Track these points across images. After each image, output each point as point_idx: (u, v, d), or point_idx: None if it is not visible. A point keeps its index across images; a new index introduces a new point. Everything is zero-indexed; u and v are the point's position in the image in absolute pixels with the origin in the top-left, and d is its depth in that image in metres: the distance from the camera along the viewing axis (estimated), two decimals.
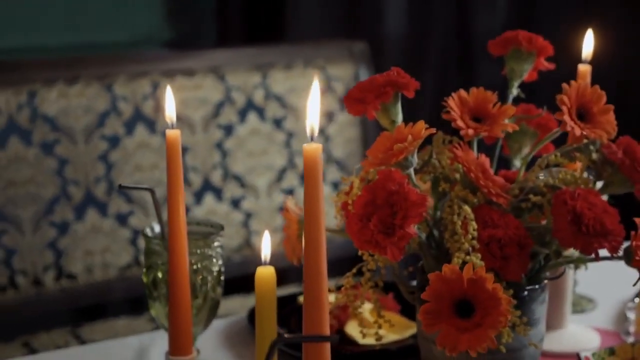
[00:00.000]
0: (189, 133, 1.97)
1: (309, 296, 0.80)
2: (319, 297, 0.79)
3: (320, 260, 0.79)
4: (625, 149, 1.03)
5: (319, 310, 0.79)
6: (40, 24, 2.32)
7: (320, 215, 0.78)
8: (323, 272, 0.79)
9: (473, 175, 0.98)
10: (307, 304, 0.80)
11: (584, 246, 0.95)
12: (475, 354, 0.86)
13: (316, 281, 0.79)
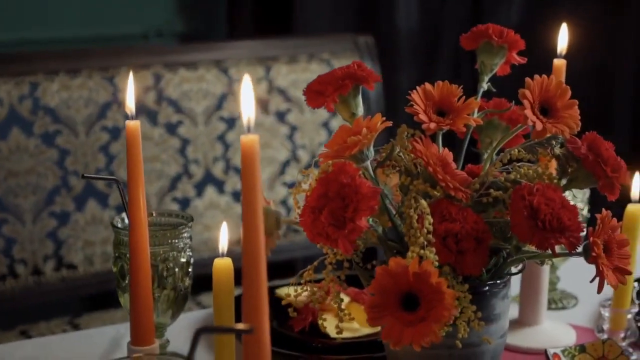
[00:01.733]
0: (191, 125, 1.99)
1: (248, 288, 0.80)
2: (257, 288, 0.79)
3: (258, 253, 0.79)
4: (590, 144, 1.02)
5: (257, 302, 0.79)
6: (52, 18, 2.35)
7: (258, 205, 0.79)
8: (261, 263, 0.79)
9: (431, 169, 0.98)
10: (246, 295, 0.80)
11: (541, 241, 0.94)
12: (418, 348, 0.86)
13: (254, 272, 0.79)
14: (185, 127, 1.98)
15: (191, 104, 1.99)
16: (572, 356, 1.15)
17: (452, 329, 0.95)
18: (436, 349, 1.01)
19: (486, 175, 1.02)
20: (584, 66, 2.67)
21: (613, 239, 0.98)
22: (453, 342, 0.96)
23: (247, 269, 0.80)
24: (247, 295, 0.80)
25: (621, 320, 1.19)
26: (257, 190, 0.79)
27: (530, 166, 1.03)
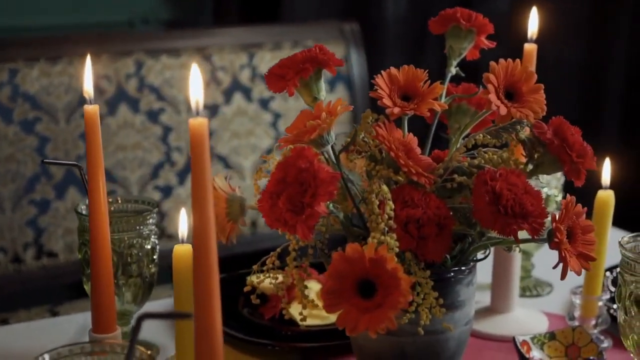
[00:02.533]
0: (173, 113, 1.98)
1: (198, 273, 0.79)
2: (208, 273, 0.78)
3: (208, 237, 0.78)
4: (556, 129, 1.00)
5: (207, 287, 0.78)
6: (39, 5, 2.34)
7: (208, 190, 0.78)
8: (211, 247, 0.78)
9: (393, 154, 0.97)
10: (197, 280, 0.79)
11: (502, 227, 0.93)
12: (374, 334, 0.85)
13: (204, 256, 0.78)
14: (167, 115, 1.97)
15: (173, 91, 1.98)
16: (542, 343, 1.14)
17: (414, 315, 0.95)
18: (399, 336, 1.00)
19: (450, 161, 1.00)
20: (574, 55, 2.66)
21: (577, 224, 0.97)
22: (416, 329, 0.95)
23: (198, 254, 0.79)
24: (197, 280, 0.79)
25: (592, 307, 1.18)
26: (206, 174, 0.78)
27: (495, 151, 1.02)
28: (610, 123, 2.75)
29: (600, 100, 2.74)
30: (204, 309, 0.79)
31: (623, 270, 0.99)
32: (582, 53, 2.68)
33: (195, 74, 0.76)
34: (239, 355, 1.18)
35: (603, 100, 2.74)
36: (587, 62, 2.69)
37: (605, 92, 2.73)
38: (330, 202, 0.97)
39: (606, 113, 2.75)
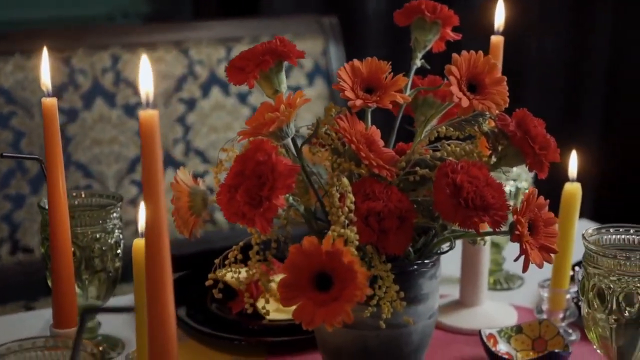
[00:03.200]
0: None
1: (150, 267, 0.78)
2: (160, 266, 0.78)
3: (159, 230, 0.77)
4: (519, 121, 1.00)
5: (159, 281, 0.78)
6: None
7: (159, 182, 0.77)
8: (163, 240, 0.77)
9: (354, 147, 0.96)
10: (148, 274, 0.78)
11: (463, 220, 0.93)
12: (331, 328, 0.84)
13: (156, 250, 0.77)
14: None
15: None
16: (509, 337, 1.14)
17: (376, 309, 0.94)
18: (362, 330, 0.99)
19: (412, 153, 1.00)
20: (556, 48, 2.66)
21: (539, 217, 0.96)
22: (378, 323, 0.94)
23: (150, 246, 0.78)
24: (149, 273, 0.79)
25: (560, 300, 1.18)
26: (157, 167, 0.77)
27: (459, 144, 1.01)
28: (592, 115, 2.75)
29: (581, 93, 2.74)
30: (156, 301, 0.78)
31: (586, 263, 0.99)
32: (564, 46, 2.67)
33: (144, 66, 0.75)
34: (207, 350, 1.17)
35: (584, 93, 2.74)
36: (570, 54, 2.69)
37: (587, 85, 2.73)
38: (290, 195, 0.97)
39: (588, 105, 2.75)
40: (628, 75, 2.76)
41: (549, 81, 2.70)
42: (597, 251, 0.97)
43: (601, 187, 2.74)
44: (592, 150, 2.80)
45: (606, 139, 2.78)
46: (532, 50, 2.63)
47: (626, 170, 2.78)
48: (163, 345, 0.78)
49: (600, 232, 1.02)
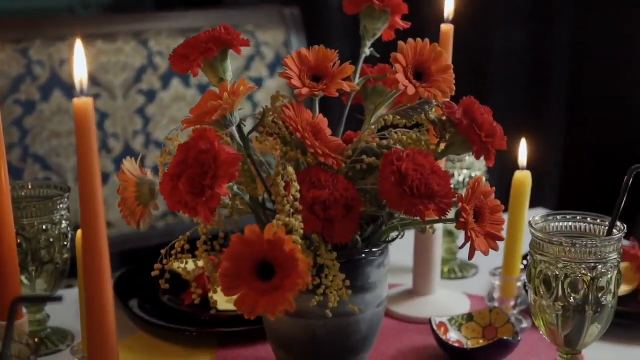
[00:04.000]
0: (109, 99, 1.95)
1: (87, 258, 0.77)
2: (97, 256, 0.77)
3: (96, 218, 0.76)
4: (466, 109, 1.00)
5: (96, 271, 0.77)
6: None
7: (94, 171, 0.76)
8: (100, 229, 0.77)
9: (300, 136, 0.95)
10: (86, 264, 0.78)
11: (409, 208, 0.92)
12: (273, 317, 0.84)
13: (93, 239, 0.77)
14: (103, 101, 1.94)
15: (109, 77, 1.95)
16: (460, 325, 1.14)
17: (323, 298, 0.94)
18: (310, 319, 0.99)
19: (359, 142, 0.99)
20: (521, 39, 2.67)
21: (485, 205, 0.96)
22: (326, 312, 0.94)
23: (86, 237, 0.78)
24: (86, 264, 0.78)
25: (511, 288, 1.18)
26: (92, 154, 0.76)
27: (406, 132, 1.01)
28: (557, 105, 2.76)
29: (546, 84, 2.76)
30: (94, 292, 0.77)
31: (533, 251, 0.99)
32: (528, 37, 2.68)
33: (78, 52, 0.74)
34: (158, 342, 1.16)
35: (549, 84, 2.76)
36: (534, 45, 2.69)
37: (551, 76, 2.74)
38: (235, 184, 0.96)
39: (552, 96, 2.76)
40: (591, 66, 2.77)
41: (513, 72, 2.71)
42: (543, 238, 0.98)
43: (565, 177, 2.76)
44: (557, 141, 2.82)
45: (570, 130, 2.79)
46: (496, 42, 2.64)
47: (590, 160, 2.80)
48: (101, 336, 0.78)
49: (548, 219, 1.02)
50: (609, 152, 2.76)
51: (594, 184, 2.63)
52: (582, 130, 2.82)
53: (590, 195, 2.63)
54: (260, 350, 1.13)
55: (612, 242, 0.96)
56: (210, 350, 1.13)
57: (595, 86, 2.79)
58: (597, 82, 2.78)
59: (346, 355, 1.02)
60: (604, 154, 2.77)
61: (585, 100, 2.81)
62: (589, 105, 2.82)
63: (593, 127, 2.81)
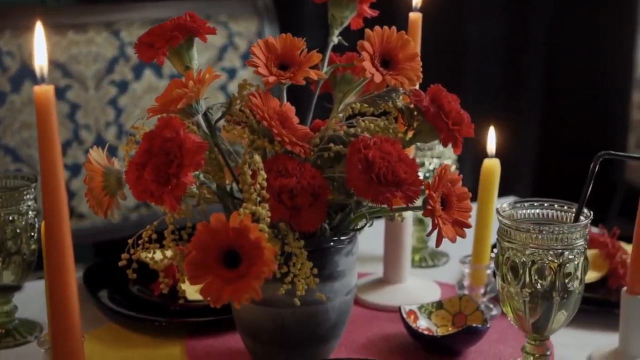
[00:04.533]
0: (80, 90, 1.94)
1: (50, 246, 0.77)
2: (60, 245, 0.76)
3: (58, 206, 0.76)
4: (433, 97, 1.00)
5: (62, 260, 0.76)
6: None
7: (56, 160, 0.75)
8: (63, 218, 0.76)
9: (267, 124, 0.95)
10: (49, 253, 0.77)
11: (376, 195, 0.92)
12: (238, 305, 0.84)
13: (56, 228, 0.76)
14: (75, 92, 1.93)
15: (80, 68, 1.94)
16: (429, 312, 1.14)
17: (291, 287, 0.94)
18: (279, 308, 0.99)
19: (326, 130, 0.99)
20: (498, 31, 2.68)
21: (452, 192, 0.97)
22: (294, 300, 0.94)
23: (49, 227, 0.77)
24: (49, 254, 0.77)
25: (481, 275, 1.19)
26: (54, 142, 0.76)
27: (373, 120, 1.01)
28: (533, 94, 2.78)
29: (521, 73, 2.77)
30: (58, 282, 0.77)
31: (501, 238, 0.99)
32: (504, 26, 2.69)
33: (39, 38, 0.73)
34: (128, 333, 1.15)
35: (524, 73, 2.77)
36: (509, 35, 2.70)
37: (526, 65, 2.75)
38: (201, 172, 0.96)
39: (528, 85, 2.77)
40: (566, 56, 2.79)
41: (488, 62, 2.71)
42: (510, 225, 0.98)
43: (540, 165, 2.77)
44: (532, 130, 2.83)
45: (545, 119, 2.81)
46: (472, 32, 2.65)
47: (564, 149, 2.81)
48: (65, 327, 0.77)
49: (515, 206, 1.02)
50: (583, 140, 2.77)
51: (568, 172, 2.65)
52: (557, 119, 2.83)
53: (565, 183, 2.65)
54: (229, 339, 1.13)
55: (579, 228, 0.97)
56: (179, 341, 1.13)
57: (570, 76, 2.81)
58: (572, 73, 2.79)
59: (315, 343, 1.02)
60: (578, 142, 2.79)
61: (560, 90, 2.83)
62: (564, 95, 2.83)
63: (568, 116, 2.83)
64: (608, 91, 2.81)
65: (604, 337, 1.12)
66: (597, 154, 0.98)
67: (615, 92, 2.82)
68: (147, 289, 1.24)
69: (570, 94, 2.82)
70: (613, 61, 2.79)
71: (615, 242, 1.27)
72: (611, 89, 2.81)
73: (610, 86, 2.81)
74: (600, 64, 2.79)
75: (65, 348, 0.77)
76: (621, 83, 2.84)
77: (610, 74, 2.81)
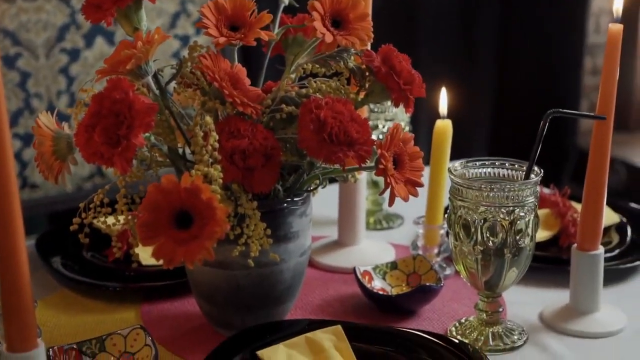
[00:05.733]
0: (31, 58, 1.91)
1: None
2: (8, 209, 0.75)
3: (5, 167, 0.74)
4: (384, 57, 1.00)
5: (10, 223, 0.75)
6: None
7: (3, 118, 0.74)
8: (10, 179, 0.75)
9: (218, 85, 0.95)
10: None
11: (328, 155, 0.92)
12: (191, 265, 0.83)
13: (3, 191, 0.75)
14: (25, 60, 1.90)
15: (30, 36, 1.90)
16: (384, 273, 1.15)
17: (245, 248, 0.94)
18: (233, 270, 0.99)
19: (278, 91, 0.99)
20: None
21: (404, 151, 0.97)
22: (248, 262, 0.94)
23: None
24: None
25: (434, 236, 1.20)
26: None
27: (325, 81, 1.01)
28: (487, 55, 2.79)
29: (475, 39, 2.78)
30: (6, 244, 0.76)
31: (453, 197, 1.00)
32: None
33: None
34: (82, 299, 1.15)
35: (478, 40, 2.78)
36: None
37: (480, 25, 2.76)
38: (152, 134, 0.95)
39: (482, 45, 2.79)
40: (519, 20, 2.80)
41: (441, 24, 2.72)
42: (462, 184, 0.99)
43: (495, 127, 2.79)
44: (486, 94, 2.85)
45: (498, 84, 2.82)
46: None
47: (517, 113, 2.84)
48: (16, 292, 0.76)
49: (467, 166, 1.03)
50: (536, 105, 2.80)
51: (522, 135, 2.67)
52: (510, 84, 2.85)
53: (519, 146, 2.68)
54: (185, 303, 1.12)
55: (529, 185, 0.98)
56: (134, 305, 1.12)
57: (523, 41, 2.82)
58: (524, 38, 2.81)
59: (270, 304, 1.02)
60: (531, 107, 2.81)
61: (513, 54, 2.85)
62: (517, 60, 2.85)
63: (521, 81, 2.85)
64: (560, 57, 2.84)
65: (556, 293, 1.14)
66: (547, 112, 0.99)
67: (567, 58, 2.85)
68: (101, 256, 1.23)
69: (523, 58, 2.84)
70: (565, 27, 2.81)
71: (566, 202, 1.28)
72: (563, 55, 2.84)
73: (562, 52, 2.84)
74: (553, 29, 2.81)
75: (17, 314, 0.76)
76: (573, 50, 2.87)
77: (562, 40, 2.83)
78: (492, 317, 1.03)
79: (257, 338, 0.97)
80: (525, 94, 2.84)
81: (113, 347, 0.96)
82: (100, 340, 0.96)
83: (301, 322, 1.01)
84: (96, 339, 0.96)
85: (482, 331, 1.03)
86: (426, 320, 1.08)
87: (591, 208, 1.04)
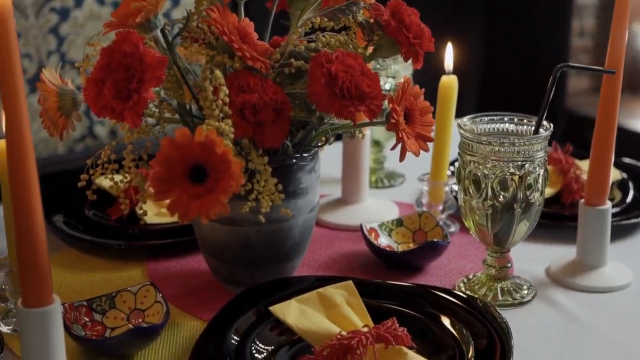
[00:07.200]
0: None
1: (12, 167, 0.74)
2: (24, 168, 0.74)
3: (20, 125, 0.73)
4: (393, 10, 0.99)
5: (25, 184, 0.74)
6: None
7: (17, 75, 0.73)
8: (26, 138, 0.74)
9: (227, 39, 0.93)
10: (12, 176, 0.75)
11: (339, 110, 0.91)
12: (206, 220, 0.82)
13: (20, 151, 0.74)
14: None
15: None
16: (390, 230, 1.15)
17: (255, 204, 0.93)
18: (243, 226, 0.98)
19: (286, 45, 0.98)
20: None
21: (415, 106, 0.96)
22: (258, 218, 0.93)
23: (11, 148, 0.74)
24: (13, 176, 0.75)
25: (439, 192, 1.19)
26: (13, 55, 0.73)
27: (333, 35, 1.00)
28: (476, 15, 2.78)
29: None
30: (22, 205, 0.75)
31: (462, 151, 1.00)
32: None
33: None
34: (86, 257, 1.14)
35: None
36: None
37: None
38: (162, 89, 0.94)
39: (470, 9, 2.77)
40: None
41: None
42: (472, 139, 0.98)
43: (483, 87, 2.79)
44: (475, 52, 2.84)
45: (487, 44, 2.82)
46: None
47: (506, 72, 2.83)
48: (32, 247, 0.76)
49: (475, 121, 1.02)
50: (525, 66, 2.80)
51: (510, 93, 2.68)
52: (498, 45, 2.84)
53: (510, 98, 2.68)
54: (190, 261, 1.12)
55: (539, 140, 0.98)
56: (140, 264, 1.11)
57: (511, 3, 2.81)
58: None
59: (280, 261, 1.02)
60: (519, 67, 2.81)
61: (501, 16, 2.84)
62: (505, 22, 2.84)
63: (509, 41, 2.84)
64: (548, 17, 2.83)
65: (560, 249, 1.14)
66: (557, 66, 0.99)
67: (555, 19, 2.85)
68: (103, 215, 1.22)
69: (510, 20, 2.84)
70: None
71: (568, 158, 1.28)
72: (551, 16, 2.83)
73: (549, 13, 2.83)
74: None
75: (33, 269, 0.75)
76: (561, 10, 2.86)
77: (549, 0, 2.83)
78: (501, 272, 1.03)
79: (267, 294, 0.97)
80: (512, 56, 2.84)
81: (123, 304, 0.95)
82: (110, 297, 0.95)
83: (309, 279, 1.01)
84: (106, 296, 0.95)
85: (491, 286, 1.03)
86: (434, 277, 1.08)
87: (599, 163, 1.04)
